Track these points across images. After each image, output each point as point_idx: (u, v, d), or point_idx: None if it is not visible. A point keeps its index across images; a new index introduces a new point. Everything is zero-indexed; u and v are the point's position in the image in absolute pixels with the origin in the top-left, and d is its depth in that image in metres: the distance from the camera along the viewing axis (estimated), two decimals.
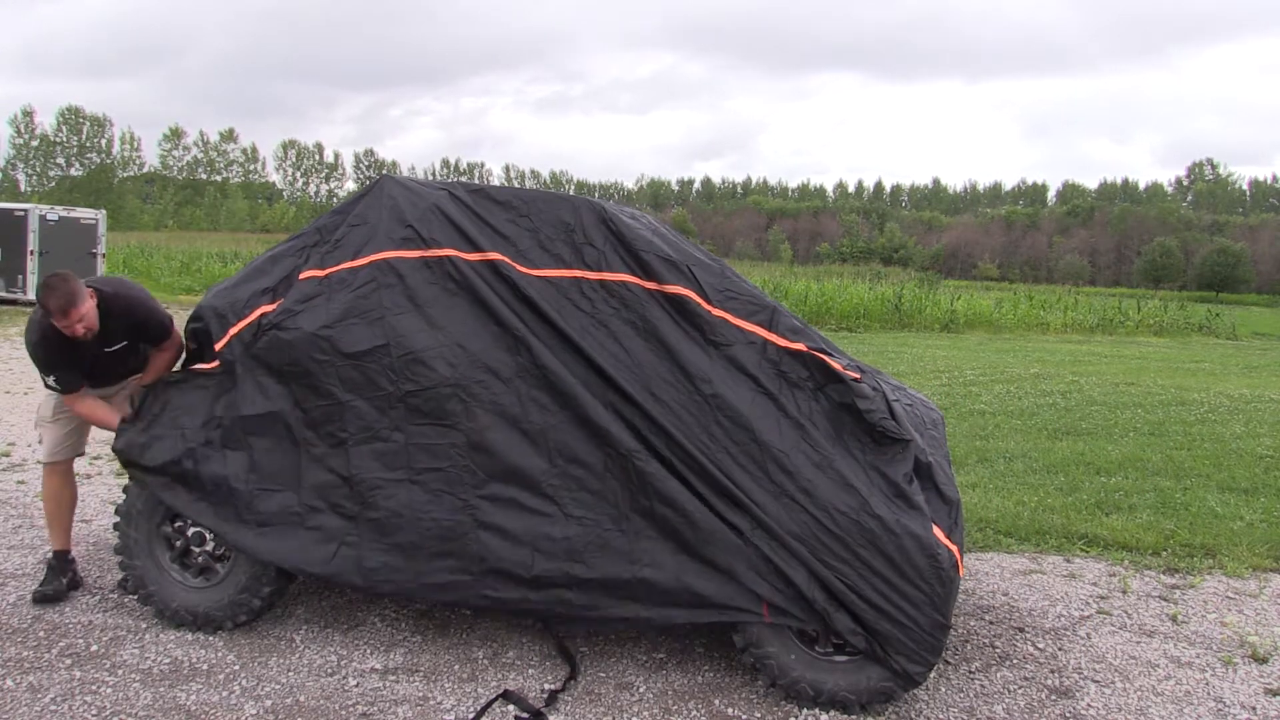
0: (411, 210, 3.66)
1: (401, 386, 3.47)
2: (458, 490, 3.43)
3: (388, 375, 3.47)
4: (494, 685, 3.39)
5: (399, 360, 3.47)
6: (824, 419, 3.41)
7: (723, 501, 3.31)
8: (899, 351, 16.16)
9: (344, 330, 3.51)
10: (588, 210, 3.65)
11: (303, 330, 3.52)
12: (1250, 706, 3.47)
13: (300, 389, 3.53)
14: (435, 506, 3.43)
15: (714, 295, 3.51)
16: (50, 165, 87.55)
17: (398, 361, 3.47)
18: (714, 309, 3.49)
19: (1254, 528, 5.66)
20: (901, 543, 3.19)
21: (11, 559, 4.51)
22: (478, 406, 3.44)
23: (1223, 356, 18.78)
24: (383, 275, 3.57)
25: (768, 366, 3.44)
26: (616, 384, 3.39)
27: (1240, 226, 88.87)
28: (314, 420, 3.53)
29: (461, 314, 3.52)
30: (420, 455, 3.46)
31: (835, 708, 3.28)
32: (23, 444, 7.01)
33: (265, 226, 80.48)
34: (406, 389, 3.46)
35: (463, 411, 3.44)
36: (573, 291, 3.51)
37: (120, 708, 3.14)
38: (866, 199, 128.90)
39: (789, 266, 60.87)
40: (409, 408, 3.47)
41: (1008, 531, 5.47)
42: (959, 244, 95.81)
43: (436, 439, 3.45)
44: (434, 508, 3.43)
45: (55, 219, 19.16)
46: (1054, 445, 7.97)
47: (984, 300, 28.09)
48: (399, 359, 3.47)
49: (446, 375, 3.45)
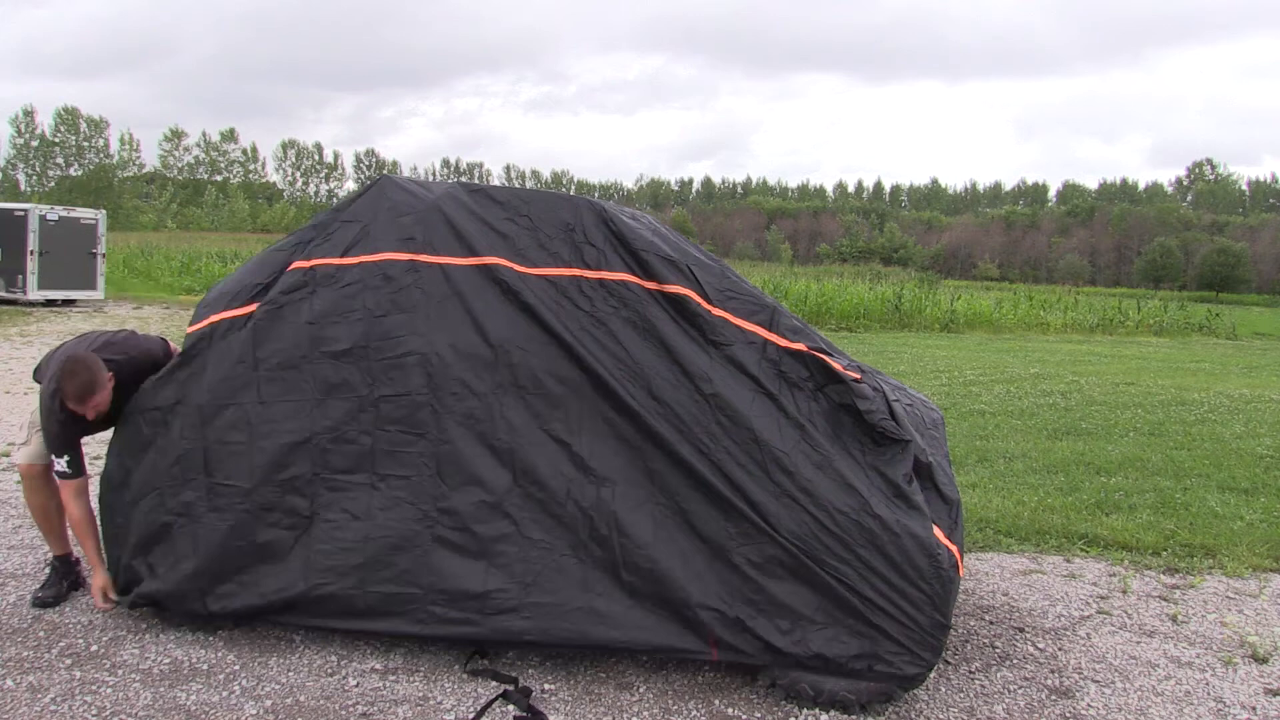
0: (408, 212, 3.66)
1: (376, 390, 3.46)
2: (420, 500, 3.41)
3: (364, 377, 3.47)
4: (494, 685, 3.39)
5: (377, 363, 3.47)
6: (824, 419, 3.41)
7: (715, 510, 3.30)
8: (899, 351, 16.16)
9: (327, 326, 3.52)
10: (588, 210, 3.65)
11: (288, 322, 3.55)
12: (1250, 706, 3.47)
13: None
14: (395, 514, 3.42)
15: (714, 295, 3.51)
16: (50, 165, 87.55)
17: (375, 364, 3.47)
18: (714, 309, 3.48)
19: (1254, 528, 5.66)
20: (901, 543, 3.19)
21: (11, 559, 4.50)
22: (449, 418, 3.42)
23: (1223, 356, 18.79)
24: (369, 276, 3.57)
25: (768, 366, 3.43)
26: (607, 386, 3.37)
27: (1240, 226, 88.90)
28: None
29: (451, 321, 3.50)
30: (386, 461, 3.45)
31: (835, 708, 3.28)
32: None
33: (265, 226, 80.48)
34: (381, 393, 3.46)
35: (433, 421, 3.43)
36: (571, 290, 3.50)
37: (120, 708, 3.14)
38: (866, 199, 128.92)
39: (789, 266, 60.91)
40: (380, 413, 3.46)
41: (1008, 531, 5.47)
42: (959, 244, 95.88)
43: (405, 446, 3.44)
44: (393, 515, 3.42)
45: (55, 219, 19.16)
46: (1054, 445, 7.96)
47: (984, 300, 28.11)
48: (378, 361, 3.47)
49: (422, 383, 3.44)
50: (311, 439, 3.48)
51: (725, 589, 3.28)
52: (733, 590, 3.28)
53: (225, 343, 3.60)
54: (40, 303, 19.06)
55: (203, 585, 3.53)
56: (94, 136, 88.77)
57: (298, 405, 3.50)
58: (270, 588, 3.48)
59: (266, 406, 3.51)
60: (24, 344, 13.14)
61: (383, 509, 3.43)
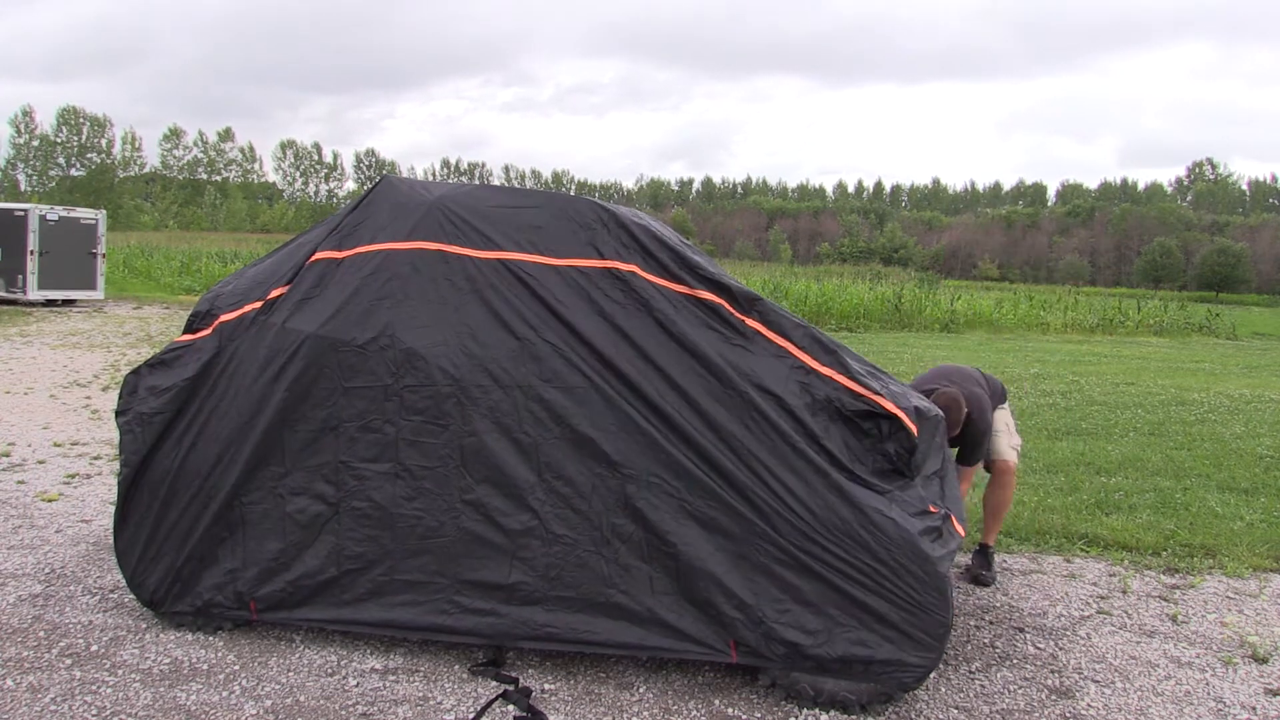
0: (423, 205, 3.68)
1: (401, 380, 3.49)
2: (445, 491, 3.45)
3: (388, 367, 3.50)
4: (494, 685, 3.39)
5: (400, 352, 3.50)
6: (848, 431, 3.38)
7: (742, 509, 3.29)
8: (899, 351, 16.16)
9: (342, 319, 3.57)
10: (604, 209, 3.64)
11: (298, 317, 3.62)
12: (1250, 706, 3.47)
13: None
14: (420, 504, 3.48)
15: (743, 302, 3.50)
16: (50, 165, 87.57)
17: (399, 354, 3.50)
18: (745, 318, 3.47)
19: (1254, 528, 5.66)
20: (904, 549, 3.19)
21: (11, 559, 4.51)
22: (474, 410, 3.44)
23: (1223, 356, 18.78)
24: (396, 265, 3.60)
25: (793, 383, 3.40)
26: (632, 382, 3.36)
27: (1240, 226, 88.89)
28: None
29: (476, 314, 3.51)
30: (410, 451, 3.48)
31: (835, 708, 3.28)
32: (22, 444, 7.01)
33: (265, 227, 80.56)
34: (405, 383, 3.49)
35: (458, 413, 3.45)
36: (600, 284, 3.47)
37: (120, 708, 3.14)
38: (866, 199, 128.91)
39: (789, 266, 60.88)
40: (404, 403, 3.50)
41: (1008, 531, 5.47)
42: (959, 244, 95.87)
43: (428, 437, 3.47)
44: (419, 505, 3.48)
45: (55, 219, 19.18)
46: (1054, 445, 7.96)
47: (984, 300, 28.10)
48: (401, 350, 3.50)
49: (446, 375, 3.46)
50: (339, 426, 3.54)
51: (750, 588, 3.28)
52: (757, 590, 3.27)
53: (251, 333, 3.70)
54: (40, 303, 19.07)
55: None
56: (96, 136, 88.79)
57: (329, 391, 3.56)
58: (298, 572, 3.58)
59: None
60: (24, 344, 13.14)
61: (407, 499, 3.48)
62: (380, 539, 3.51)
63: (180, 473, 3.68)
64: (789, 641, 3.25)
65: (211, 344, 3.73)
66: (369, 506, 3.51)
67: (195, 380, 3.69)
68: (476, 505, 3.44)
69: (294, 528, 3.58)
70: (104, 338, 14.40)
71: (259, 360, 3.62)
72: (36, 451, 6.79)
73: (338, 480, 3.54)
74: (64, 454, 6.75)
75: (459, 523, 3.45)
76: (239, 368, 3.66)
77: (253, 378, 3.62)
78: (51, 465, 6.41)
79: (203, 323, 3.82)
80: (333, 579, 3.55)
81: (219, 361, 3.70)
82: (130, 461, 3.73)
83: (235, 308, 3.77)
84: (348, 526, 3.53)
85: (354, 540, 3.53)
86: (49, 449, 6.88)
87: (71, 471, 6.25)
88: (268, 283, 3.77)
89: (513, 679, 3.40)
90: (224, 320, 3.75)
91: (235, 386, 3.65)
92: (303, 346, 3.56)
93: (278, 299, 3.69)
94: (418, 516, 3.47)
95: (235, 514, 3.63)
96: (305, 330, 3.58)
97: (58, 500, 5.55)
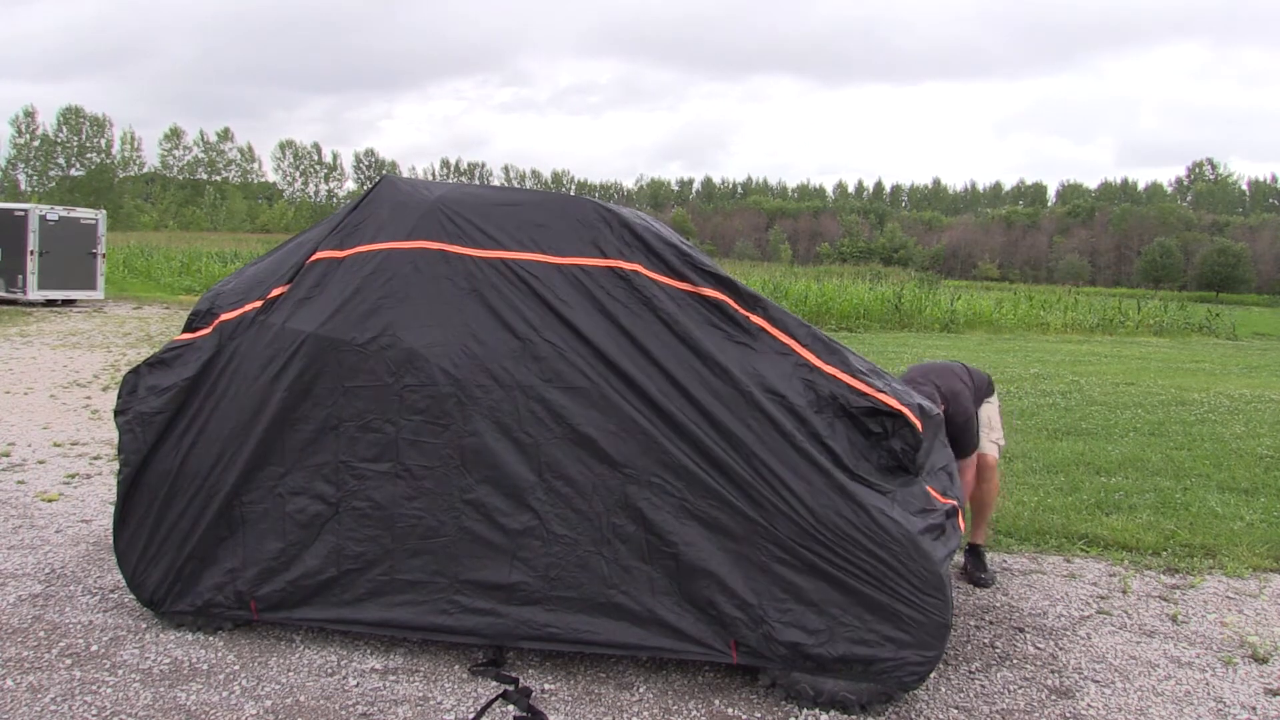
0: (425, 204, 3.68)
1: (401, 380, 3.49)
2: (445, 490, 3.45)
3: (388, 366, 3.50)
4: (494, 685, 3.39)
5: (400, 352, 3.50)
6: (852, 429, 3.38)
7: (744, 508, 3.28)
8: (899, 351, 16.16)
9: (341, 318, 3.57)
10: (607, 210, 3.63)
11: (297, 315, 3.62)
12: (1250, 706, 3.47)
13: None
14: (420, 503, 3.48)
15: (748, 299, 3.50)
16: (51, 165, 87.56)
17: (399, 353, 3.50)
18: (750, 314, 3.46)
19: (1254, 528, 5.66)
20: (906, 548, 3.19)
21: (11, 559, 4.51)
22: (474, 409, 3.44)
23: (1223, 356, 18.78)
24: (396, 264, 3.60)
25: (797, 381, 3.39)
26: (634, 382, 3.35)
27: (1240, 226, 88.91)
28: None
29: (476, 313, 3.50)
30: (410, 451, 3.49)
31: (835, 708, 3.28)
32: (22, 444, 7.01)
33: (265, 227, 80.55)
34: (405, 383, 3.49)
35: (458, 413, 3.45)
36: (602, 283, 3.47)
37: (120, 708, 3.14)
38: (866, 199, 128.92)
39: (789, 266, 60.92)
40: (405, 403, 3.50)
41: (1008, 531, 5.47)
42: (959, 244, 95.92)
43: (429, 437, 3.47)
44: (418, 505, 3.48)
45: (55, 219, 19.18)
46: (1054, 445, 7.96)
47: (984, 300, 28.10)
48: (402, 350, 3.50)
49: (446, 375, 3.46)
50: (339, 426, 3.54)
51: (751, 588, 3.27)
52: (759, 590, 3.27)
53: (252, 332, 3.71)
54: (40, 303, 19.07)
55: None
56: (96, 136, 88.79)
57: (329, 390, 3.56)
58: (298, 572, 3.58)
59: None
60: (24, 344, 13.15)
61: (408, 499, 3.48)
62: (380, 539, 3.51)
63: (180, 472, 3.68)
64: (790, 641, 3.24)
65: (211, 343, 3.73)
66: (369, 506, 3.51)
67: (195, 379, 3.70)
68: (477, 505, 3.44)
69: (294, 527, 3.58)
70: (104, 338, 14.40)
71: (259, 359, 3.63)
72: (36, 451, 6.79)
73: (338, 480, 3.54)
74: (64, 454, 6.75)
75: (459, 522, 3.45)
76: (239, 367, 3.66)
77: (253, 377, 3.62)
78: (51, 465, 6.41)
79: (203, 322, 3.82)
80: (333, 579, 3.55)
81: (219, 361, 3.70)
82: (130, 461, 3.74)
83: (235, 307, 3.77)
84: (348, 526, 3.53)
85: (354, 540, 3.53)
86: (49, 449, 6.88)
87: (71, 471, 6.25)
88: (268, 282, 3.77)
89: (513, 679, 3.40)
90: (224, 319, 3.75)
91: (235, 386, 3.65)
92: (303, 346, 3.57)
93: (278, 298, 3.69)
94: (418, 516, 3.48)
95: (235, 513, 3.64)
96: (306, 329, 3.58)
97: (58, 500, 5.55)
